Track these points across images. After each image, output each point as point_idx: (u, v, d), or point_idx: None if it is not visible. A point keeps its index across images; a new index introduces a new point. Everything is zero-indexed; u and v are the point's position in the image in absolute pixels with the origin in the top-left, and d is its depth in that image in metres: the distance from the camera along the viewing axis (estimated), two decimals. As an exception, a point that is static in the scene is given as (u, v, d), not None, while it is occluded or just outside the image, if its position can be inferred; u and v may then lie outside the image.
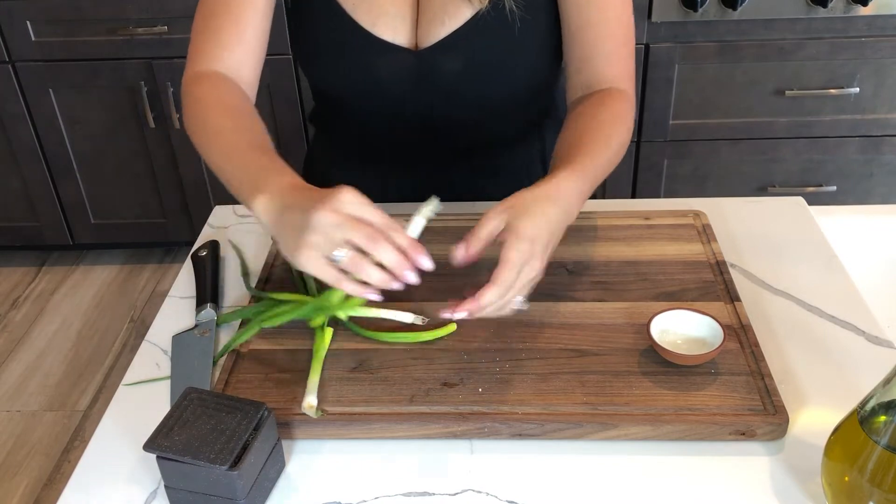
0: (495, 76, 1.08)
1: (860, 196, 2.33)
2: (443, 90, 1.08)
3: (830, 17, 2.06)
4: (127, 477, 0.81)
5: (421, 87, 1.08)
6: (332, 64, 1.09)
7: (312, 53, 1.11)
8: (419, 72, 1.07)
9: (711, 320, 0.89)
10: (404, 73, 1.07)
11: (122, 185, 2.49)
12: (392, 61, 1.06)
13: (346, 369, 0.90)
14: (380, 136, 1.18)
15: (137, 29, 2.20)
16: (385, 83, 1.08)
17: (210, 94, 0.99)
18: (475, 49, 1.05)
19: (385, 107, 1.12)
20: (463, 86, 1.08)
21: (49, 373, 2.28)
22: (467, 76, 1.07)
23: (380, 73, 1.07)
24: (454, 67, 1.06)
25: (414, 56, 1.06)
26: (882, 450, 0.67)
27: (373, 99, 1.11)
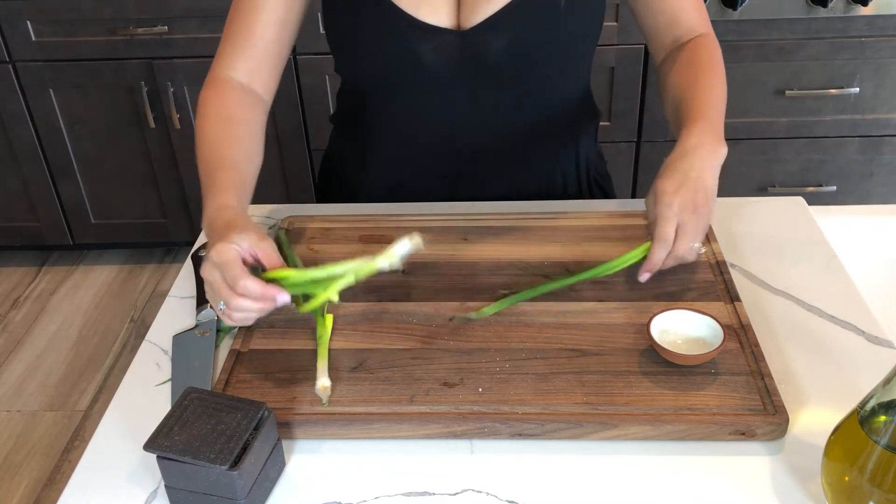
0: (541, 56, 1.09)
1: (860, 196, 2.33)
2: (487, 70, 1.08)
3: (830, 17, 2.06)
4: (127, 477, 0.81)
5: (465, 68, 1.08)
6: (375, 52, 1.09)
7: (352, 43, 1.11)
8: (463, 52, 1.07)
9: (711, 320, 0.89)
10: (448, 56, 1.07)
11: (122, 185, 2.49)
12: (436, 44, 1.06)
13: (346, 369, 0.90)
14: (417, 128, 1.17)
15: (137, 29, 2.20)
16: (429, 67, 1.08)
17: (212, 101, 1.06)
18: (520, 27, 1.05)
19: (427, 95, 1.12)
20: (507, 64, 1.08)
21: (49, 373, 2.28)
22: (512, 54, 1.07)
23: (424, 57, 1.07)
24: (499, 45, 1.06)
25: (458, 37, 1.06)
26: (882, 450, 0.67)
27: (415, 86, 1.11)
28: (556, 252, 1.07)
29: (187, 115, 2.32)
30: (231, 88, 1.07)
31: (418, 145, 1.18)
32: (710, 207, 0.96)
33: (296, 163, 2.39)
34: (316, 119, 2.30)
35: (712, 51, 1.13)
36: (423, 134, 1.17)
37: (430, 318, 0.96)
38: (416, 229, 1.12)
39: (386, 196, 1.22)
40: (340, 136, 1.28)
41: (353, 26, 1.09)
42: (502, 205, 1.17)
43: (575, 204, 1.18)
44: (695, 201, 0.95)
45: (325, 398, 0.85)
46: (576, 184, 1.25)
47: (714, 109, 1.04)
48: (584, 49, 1.15)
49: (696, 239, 0.96)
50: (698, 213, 0.95)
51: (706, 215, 0.96)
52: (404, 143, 1.19)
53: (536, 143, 1.19)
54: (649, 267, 0.97)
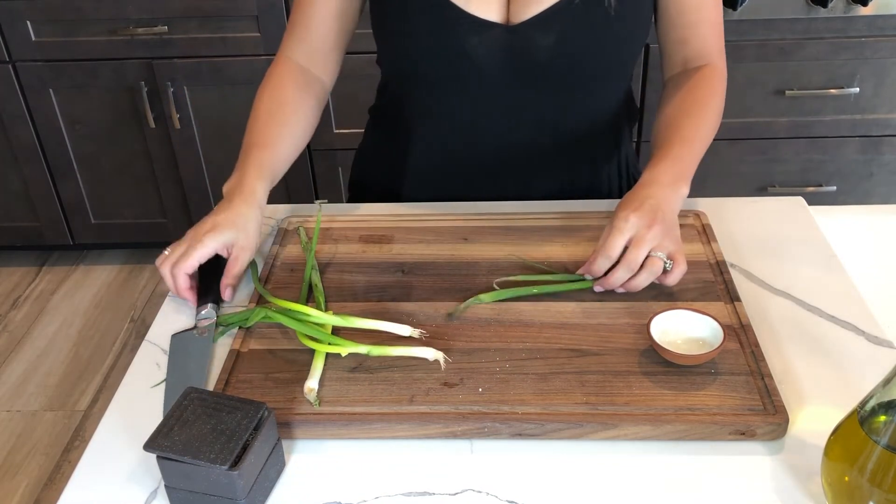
0: (587, 57, 1.09)
1: (860, 196, 2.33)
2: (534, 67, 1.09)
3: (830, 17, 2.06)
4: (127, 477, 0.81)
5: (512, 64, 1.09)
6: (423, 43, 1.09)
7: (400, 34, 1.11)
8: (511, 47, 1.07)
9: (711, 320, 0.89)
10: (496, 50, 1.07)
11: (122, 185, 2.49)
12: (484, 37, 1.07)
13: (346, 369, 0.90)
14: (462, 121, 1.16)
15: (137, 29, 2.20)
16: (476, 61, 1.08)
17: (272, 79, 1.15)
18: (568, 27, 1.06)
19: (473, 89, 1.12)
20: (554, 63, 1.08)
21: (49, 373, 2.28)
22: (559, 53, 1.07)
23: (472, 50, 1.07)
24: (547, 43, 1.06)
25: (506, 31, 1.07)
26: (882, 450, 0.67)
27: (462, 79, 1.11)
28: (556, 252, 1.07)
29: (187, 115, 2.32)
30: (290, 70, 1.15)
31: (462, 139, 1.18)
32: (668, 230, 0.96)
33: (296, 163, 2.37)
34: (316, 119, 2.30)
35: (714, 87, 1.13)
36: (468, 128, 1.17)
37: (430, 318, 0.96)
38: (416, 229, 1.12)
39: (428, 191, 1.21)
40: (378, 129, 1.28)
41: (402, 17, 1.10)
42: (502, 205, 1.17)
43: (575, 204, 1.18)
44: (652, 219, 0.95)
45: (312, 399, 0.85)
46: (618, 183, 1.26)
47: (690, 150, 1.06)
48: (631, 53, 1.15)
49: (654, 249, 0.95)
50: (654, 229, 0.95)
51: (664, 233, 0.96)
52: (448, 137, 1.19)
53: (582, 143, 1.19)
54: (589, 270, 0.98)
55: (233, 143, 2.55)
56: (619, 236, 0.95)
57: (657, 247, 0.95)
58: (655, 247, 0.95)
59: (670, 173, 1.02)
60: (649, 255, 0.95)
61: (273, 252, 1.09)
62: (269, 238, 1.14)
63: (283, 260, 1.08)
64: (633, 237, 0.95)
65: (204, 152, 2.40)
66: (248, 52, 2.22)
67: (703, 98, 1.11)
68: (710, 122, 1.11)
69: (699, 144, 1.08)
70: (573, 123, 1.17)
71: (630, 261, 0.95)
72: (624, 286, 0.97)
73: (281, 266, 1.07)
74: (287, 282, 1.04)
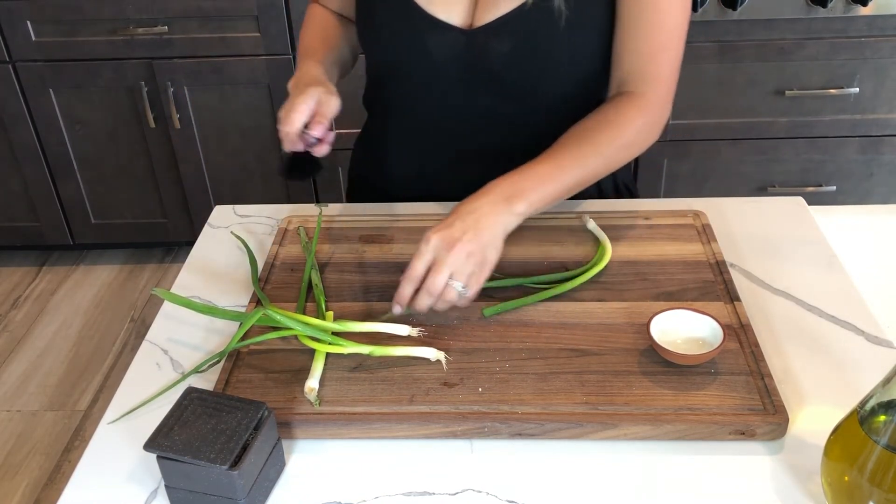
0: (543, 67, 1.08)
1: (860, 196, 2.33)
2: (490, 74, 1.09)
3: (830, 17, 2.06)
4: (127, 477, 0.81)
5: (470, 69, 1.09)
6: (389, 42, 1.12)
7: (372, 32, 1.14)
8: (469, 52, 1.07)
9: (711, 320, 0.89)
10: (454, 53, 1.08)
11: (122, 185, 2.49)
12: (443, 40, 1.08)
13: (346, 369, 0.90)
14: (426, 122, 1.18)
15: (137, 29, 2.20)
16: (436, 62, 1.09)
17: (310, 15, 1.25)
18: (523, 35, 1.05)
19: (435, 89, 1.13)
20: (509, 71, 1.08)
21: (49, 373, 2.28)
22: (513, 61, 1.07)
23: (431, 51, 1.09)
24: (502, 49, 1.06)
25: (465, 35, 1.07)
26: (882, 449, 0.67)
27: (425, 79, 1.13)
28: (556, 252, 1.07)
29: (187, 114, 2.32)
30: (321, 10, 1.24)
31: (430, 135, 1.19)
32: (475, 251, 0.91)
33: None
34: (316, 119, 2.30)
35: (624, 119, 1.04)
36: (433, 125, 1.18)
37: (430, 317, 0.96)
38: (415, 229, 1.12)
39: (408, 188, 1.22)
40: (370, 115, 1.30)
41: (371, 13, 1.13)
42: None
43: (575, 204, 1.18)
44: (454, 239, 0.90)
45: (312, 399, 0.85)
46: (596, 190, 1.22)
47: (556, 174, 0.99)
48: (590, 65, 1.10)
49: (453, 274, 0.90)
50: (454, 252, 0.90)
51: (467, 256, 0.91)
52: (418, 130, 1.20)
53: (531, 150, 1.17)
54: (397, 299, 0.92)
55: (233, 143, 2.56)
56: (419, 260, 0.91)
57: (456, 272, 0.90)
58: (455, 272, 0.90)
59: (513, 188, 0.96)
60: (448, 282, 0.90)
61: (273, 252, 1.09)
62: (269, 238, 1.14)
63: (283, 260, 1.08)
64: (433, 260, 0.91)
65: (204, 152, 2.40)
66: (248, 52, 2.22)
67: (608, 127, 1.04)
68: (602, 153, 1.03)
69: (572, 171, 1.01)
70: (530, 129, 1.14)
71: (429, 287, 0.90)
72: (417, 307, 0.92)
73: (281, 266, 1.07)
74: (287, 282, 1.04)
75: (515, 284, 1.01)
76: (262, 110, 2.31)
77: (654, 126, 1.07)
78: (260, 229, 1.17)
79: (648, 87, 1.05)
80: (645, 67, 1.05)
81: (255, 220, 1.19)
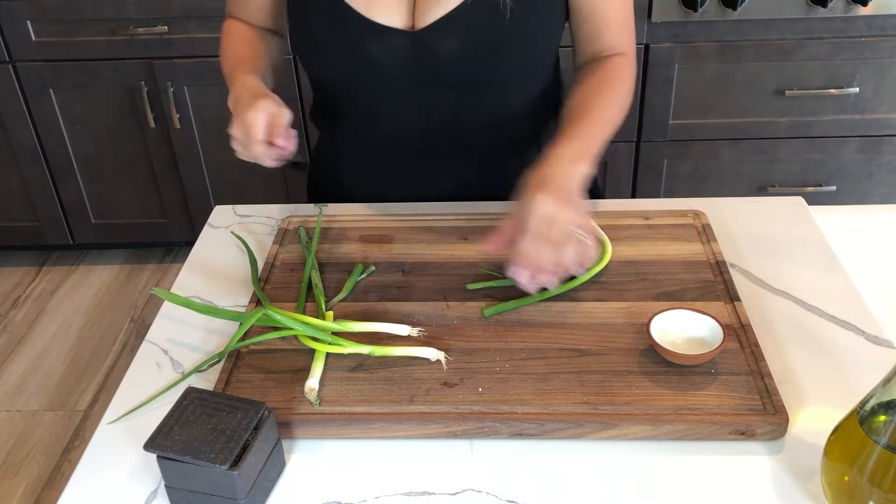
0: (492, 59, 1.08)
1: (860, 196, 2.33)
2: (440, 72, 1.08)
3: (830, 17, 2.06)
4: (127, 477, 0.81)
5: (418, 70, 1.08)
6: (330, 52, 1.10)
7: (310, 43, 1.12)
8: (415, 53, 1.07)
9: (711, 320, 0.89)
10: (400, 56, 1.07)
11: (122, 185, 2.49)
12: (387, 44, 1.07)
13: (346, 369, 0.90)
14: (380, 128, 1.17)
15: (137, 29, 2.20)
16: (382, 67, 1.08)
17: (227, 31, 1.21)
18: (470, 30, 1.05)
19: (384, 95, 1.12)
20: (459, 67, 1.08)
21: (49, 373, 2.28)
22: (463, 57, 1.07)
23: (375, 57, 1.07)
24: (450, 47, 1.06)
25: (409, 37, 1.06)
26: (882, 449, 0.67)
27: (372, 86, 1.12)
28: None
29: (187, 114, 2.32)
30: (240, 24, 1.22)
31: (382, 142, 1.19)
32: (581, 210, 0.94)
33: (296, 162, 2.39)
34: (316, 119, 2.30)
35: (623, 73, 1.13)
36: (384, 132, 1.17)
37: (430, 317, 0.96)
38: (416, 229, 1.12)
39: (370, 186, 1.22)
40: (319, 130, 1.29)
41: (306, 25, 1.11)
42: (503, 205, 1.16)
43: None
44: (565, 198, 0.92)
45: (312, 399, 0.85)
46: None
47: (594, 129, 1.05)
48: (539, 53, 1.14)
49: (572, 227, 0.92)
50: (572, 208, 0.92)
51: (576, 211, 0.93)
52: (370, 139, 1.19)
53: (496, 144, 1.18)
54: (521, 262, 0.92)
55: (233, 143, 2.53)
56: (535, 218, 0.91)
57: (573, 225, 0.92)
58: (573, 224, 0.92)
59: (571, 151, 1.00)
60: None
61: (273, 252, 1.09)
62: (269, 238, 1.14)
63: (283, 260, 1.08)
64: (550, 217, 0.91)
65: (204, 152, 2.40)
66: (248, 52, 2.22)
67: (612, 83, 1.12)
68: (617, 105, 1.11)
69: (605, 124, 1.07)
70: (487, 123, 1.16)
71: (555, 239, 0.91)
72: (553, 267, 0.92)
73: (281, 266, 1.07)
74: (287, 282, 1.04)
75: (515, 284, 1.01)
76: (262, 110, 2.31)
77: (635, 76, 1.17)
78: (260, 229, 1.17)
79: (628, 48, 1.15)
80: (622, 36, 1.14)
81: (255, 220, 1.19)
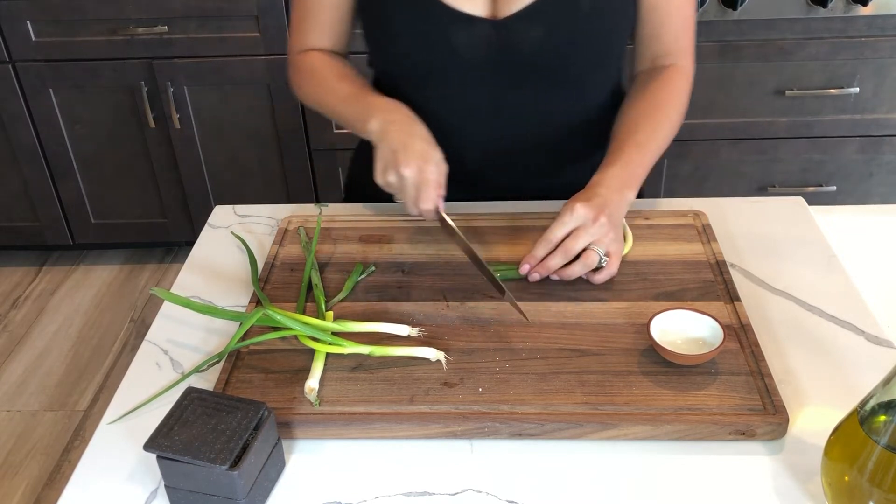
0: (572, 49, 1.09)
1: (860, 196, 2.33)
2: (521, 61, 1.08)
3: (830, 17, 2.06)
4: (127, 477, 0.81)
5: (500, 59, 1.08)
6: (409, 41, 1.09)
7: (387, 33, 1.11)
8: (497, 42, 1.07)
9: (711, 320, 0.89)
10: (482, 45, 1.07)
11: (122, 185, 2.49)
12: (470, 32, 1.06)
13: (346, 369, 0.90)
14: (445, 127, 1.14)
15: (137, 29, 2.20)
16: (464, 56, 1.08)
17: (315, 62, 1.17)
18: (552, 21, 1.06)
19: (456, 91, 1.12)
20: (542, 56, 1.08)
21: (49, 373, 2.28)
22: (544, 48, 1.07)
23: (459, 47, 1.07)
24: (533, 37, 1.06)
25: (492, 26, 1.06)
26: (882, 449, 0.67)
27: (450, 75, 1.11)
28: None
29: (187, 114, 2.32)
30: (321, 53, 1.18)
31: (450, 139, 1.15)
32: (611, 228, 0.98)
33: (296, 163, 2.39)
34: (316, 119, 2.30)
35: (678, 89, 1.14)
36: (458, 124, 1.16)
37: (430, 317, 0.96)
38: (415, 229, 1.12)
39: None
40: None
41: (388, 16, 1.10)
42: (503, 205, 1.17)
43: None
44: (598, 213, 0.97)
45: (312, 399, 0.85)
46: None
47: (642, 155, 1.06)
48: (615, 45, 1.15)
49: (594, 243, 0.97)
50: (598, 222, 0.97)
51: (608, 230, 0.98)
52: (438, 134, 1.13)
53: (571, 140, 1.19)
54: (528, 259, 1.00)
55: (233, 143, 2.56)
56: (562, 226, 0.98)
57: (597, 241, 0.98)
58: (595, 241, 0.98)
59: (619, 178, 1.03)
60: (588, 248, 0.97)
61: (273, 252, 1.09)
62: (269, 238, 1.14)
63: (283, 260, 1.08)
64: (576, 228, 0.97)
65: (204, 152, 2.40)
66: (248, 52, 2.22)
67: (664, 101, 1.12)
68: (668, 126, 1.12)
69: (653, 149, 1.08)
70: (561, 119, 1.17)
71: (567, 248, 0.97)
72: (558, 274, 0.99)
73: (281, 266, 1.07)
74: (287, 281, 1.04)
75: None
76: (262, 110, 2.31)
77: (689, 92, 1.16)
78: (260, 229, 1.17)
79: (682, 58, 1.15)
80: (681, 41, 1.14)
81: (255, 220, 1.19)
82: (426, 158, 1.00)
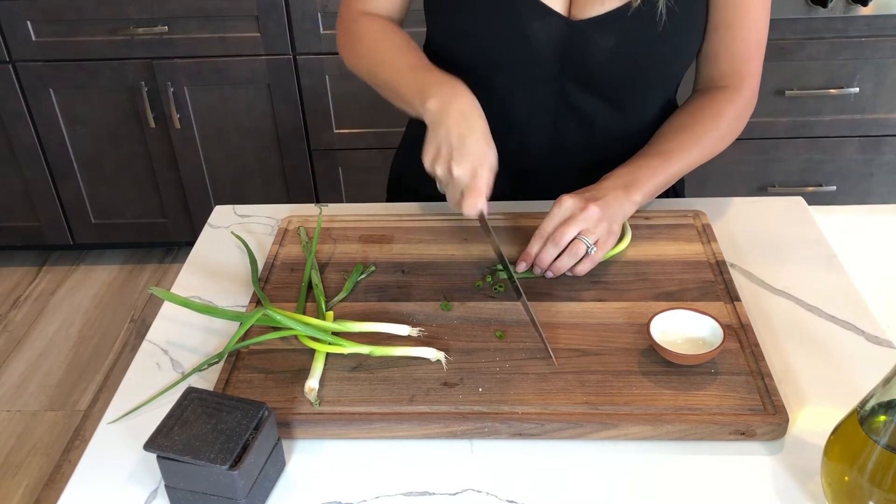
0: (641, 62, 1.08)
1: (860, 196, 2.33)
2: (590, 66, 1.08)
3: (830, 17, 2.06)
4: (127, 477, 0.81)
5: (570, 58, 1.07)
6: (483, 24, 1.07)
7: (460, 14, 1.09)
8: (571, 42, 1.06)
9: (711, 320, 0.89)
10: (557, 40, 1.06)
11: (122, 185, 2.49)
12: (547, 25, 1.05)
13: (346, 369, 0.90)
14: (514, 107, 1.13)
15: (137, 29, 2.20)
16: (536, 46, 1.06)
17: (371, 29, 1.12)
18: (626, 32, 1.05)
19: (529, 73, 1.10)
20: (609, 64, 1.07)
21: (49, 373, 2.28)
22: (616, 55, 1.06)
23: (532, 35, 1.06)
24: (606, 44, 1.05)
25: (567, 24, 1.06)
26: (882, 449, 0.67)
27: (519, 63, 1.09)
28: (556, 252, 1.07)
29: (187, 114, 2.32)
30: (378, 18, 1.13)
31: (513, 137, 1.14)
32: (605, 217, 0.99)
33: (296, 163, 2.39)
34: (316, 119, 2.30)
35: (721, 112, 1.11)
36: (518, 120, 1.14)
37: (430, 317, 0.96)
38: (416, 229, 1.12)
39: None
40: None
41: (462, 9, 1.07)
42: (503, 205, 1.17)
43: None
44: (588, 202, 0.99)
45: (312, 399, 0.85)
46: None
47: (663, 164, 1.06)
48: (682, 62, 1.13)
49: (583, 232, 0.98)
50: (587, 211, 0.98)
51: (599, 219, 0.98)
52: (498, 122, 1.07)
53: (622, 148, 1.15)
54: (523, 256, 1.01)
55: (233, 143, 2.56)
56: (551, 219, 0.99)
57: (586, 231, 0.98)
58: (584, 230, 0.98)
59: (626, 178, 1.04)
60: (576, 238, 0.98)
61: (273, 252, 1.09)
62: (269, 238, 1.14)
63: (283, 260, 1.08)
64: (567, 219, 0.99)
65: (204, 152, 2.40)
66: (248, 52, 2.22)
67: (702, 119, 1.11)
68: (701, 144, 1.10)
69: (677, 161, 1.08)
70: (620, 129, 1.16)
71: (555, 239, 0.98)
72: (551, 269, 1.00)
73: (281, 266, 1.07)
74: (287, 281, 1.04)
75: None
76: (262, 110, 2.32)
77: (743, 119, 1.14)
78: (260, 229, 1.17)
79: (742, 83, 1.12)
80: (741, 66, 1.11)
81: (255, 220, 1.19)
82: (481, 161, 0.96)
